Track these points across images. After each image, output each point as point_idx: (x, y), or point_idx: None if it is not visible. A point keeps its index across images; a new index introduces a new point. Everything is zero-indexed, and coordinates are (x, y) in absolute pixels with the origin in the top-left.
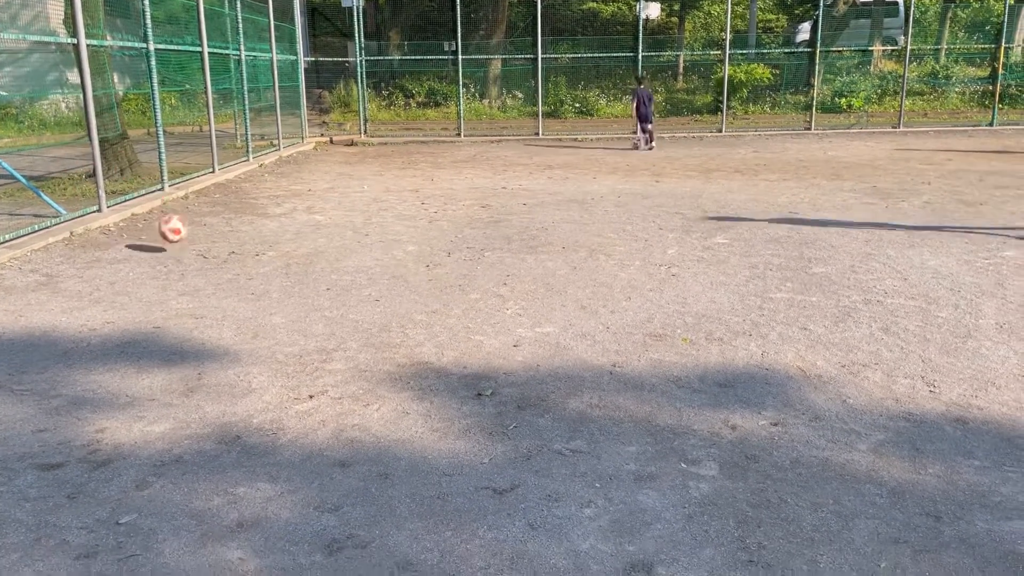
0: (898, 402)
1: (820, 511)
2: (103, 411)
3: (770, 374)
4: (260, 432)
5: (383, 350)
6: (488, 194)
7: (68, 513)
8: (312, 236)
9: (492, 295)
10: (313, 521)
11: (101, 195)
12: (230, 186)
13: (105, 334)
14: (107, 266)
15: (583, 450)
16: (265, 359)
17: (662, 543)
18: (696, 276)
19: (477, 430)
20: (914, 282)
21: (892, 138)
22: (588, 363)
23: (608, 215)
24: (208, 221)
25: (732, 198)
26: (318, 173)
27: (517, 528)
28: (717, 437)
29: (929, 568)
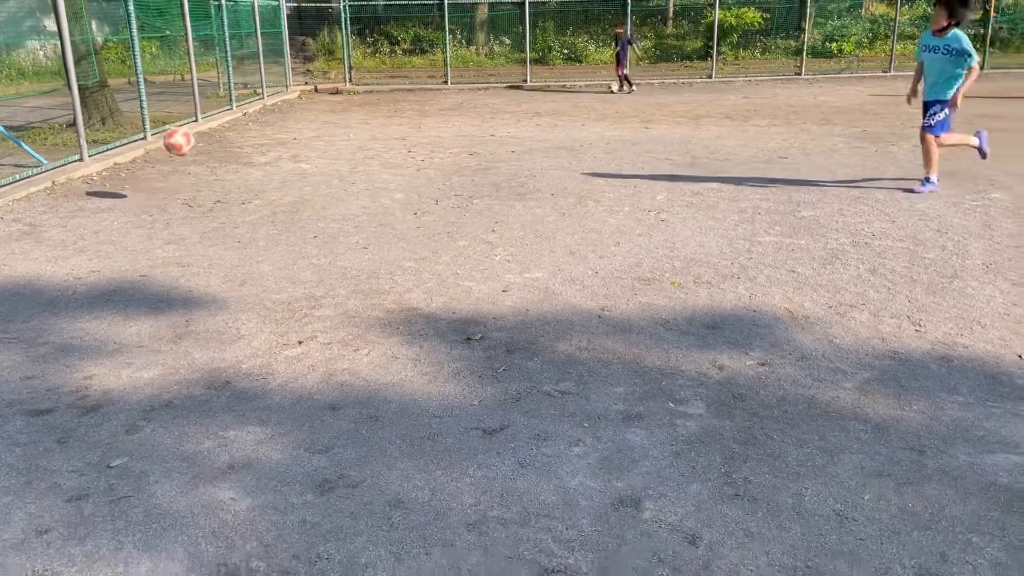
0: (884, 341)
1: (805, 447)
2: (91, 358)
3: (758, 316)
4: (250, 377)
5: (372, 297)
6: (476, 142)
7: (58, 457)
8: (298, 184)
9: (481, 242)
10: (304, 462)
11: (82, 144)
12: (214, 135)
13: (91, 283)
14: (91, 215)
15: (572, 391)
16: (253, 306)
17: (650, 479)
18: (685, 221)
19: (467, 373)
20: (902, 224)
21: (883, 82)
22: (577, 307)
23: (597, 162)
24: (192, 170)
25: (721, 143)
26: (303, 122)
27: (506, 467)
28: (705, 377)
29: (912, 499)
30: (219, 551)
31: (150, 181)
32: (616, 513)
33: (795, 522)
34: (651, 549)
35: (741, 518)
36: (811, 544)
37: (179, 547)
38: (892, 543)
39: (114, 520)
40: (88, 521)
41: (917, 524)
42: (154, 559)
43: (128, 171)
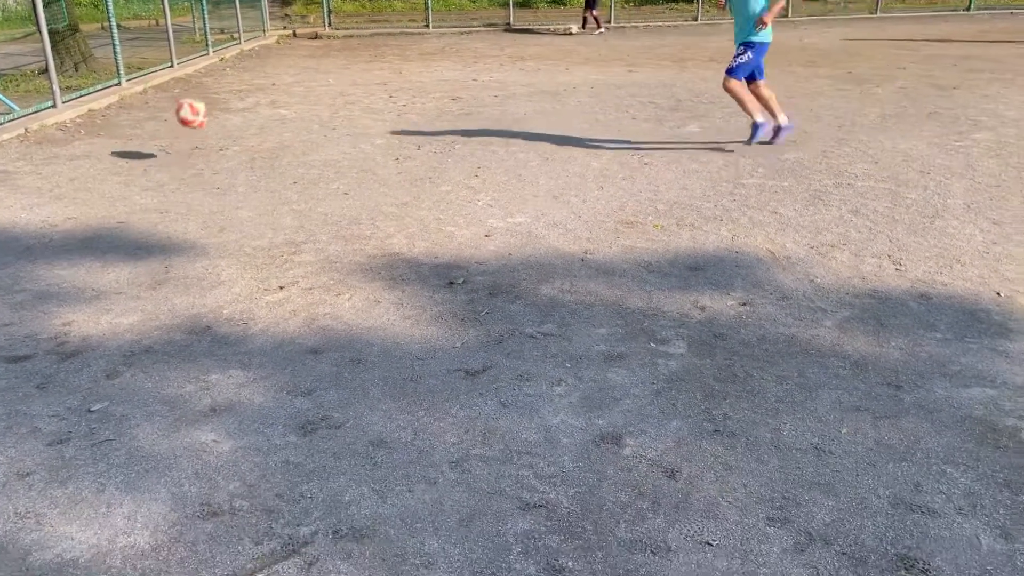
0: (864, 280)
1: (785, 383)
2: (69, 305)
3: (740, 257)
4: (231, 322)
5: (353, 242)
6: (458, 87)
7: (38, 402)
8: (277, 130)
9: (463, 187)
10: (287, 405)
11: (55, 90)
12: (190, 80)
13: (67, 230)
14: (66, 162)
15: (554, 333)
16: (233, 252)
17: (630, 417)
18: (669, 164)
19: (449, 316)
20: (885, 165)
21: (869, 24)
22: (560, 251)
23: (581, 106)
24: (169, 117)
25: (706, 87)
26: (282, 67)
27: (489, 407)
28: (686, 318)
29: (888, 433)
30: (202, 491)
31: (125, 128)
32: (597, 450)
33: (773, 456)
34: (631, 483)
35: (720, 453)
36: (788, 476)
37: (162, 488)
38: (868, 475)
39: (96, 463)
40: (70, 464)
41: (893, 456)
42: (137, 500)
43: (103, 117)
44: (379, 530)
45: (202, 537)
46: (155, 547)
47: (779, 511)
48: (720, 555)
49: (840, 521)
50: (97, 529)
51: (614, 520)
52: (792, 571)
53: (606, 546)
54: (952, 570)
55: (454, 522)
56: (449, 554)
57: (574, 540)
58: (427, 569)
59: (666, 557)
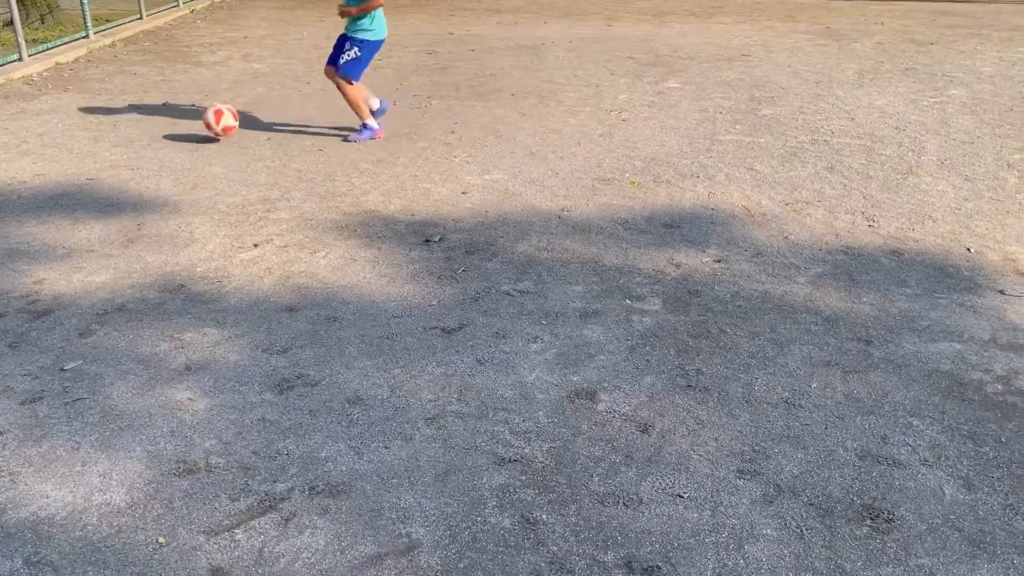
0: (838, 237)
1: (757, 339)
2: (40, 263)
3: (716, 214)
4: (205, 280)
5: (328, 199)
6: (434, 40)
7: (11, 361)
8: (250, 85)
9: (440, 143)
10: (262, 363)
11: (21, 43)
12: (160, 33)
13: (36, 186)
14: (33, 117)
15: (530, 291)
16: (206, 209)
17: (605, 372)
18: (646, 121)
19: (425, 274)
20: (861, 121)
21: None
22: (537, 208)
23: (559, 61)
24: (139, 71)
25: (685, 42)
26: (254, 19)
27: (465, 364)
28: (661, 275)
29: (857, 387)
30: (178, 449)
31: (94, 82)
32: (571, 405)
33: (744, 410)
34: (605, 438)
35: (692, 407)
36: (759, 430)
37: (137, 446)
38: (836, 428)
39: (70, 421)
40: (43, 423)
41: (861, 410)
42: (112, 458)
43: (71, 71)
44: (355, 486)
45: (178, 494)
46: (131, 504)
47: (749, 464)
48: (691, 507)
49: (808, 473)
50: (72, 487)
51: (587, 474)
52: (760, 522)
53: (579, 499)
54: (916, 519)
55: (430, 477)
56: (425, 508)
57: (548, 494)
58: (403, 523)
59: (638, 509)
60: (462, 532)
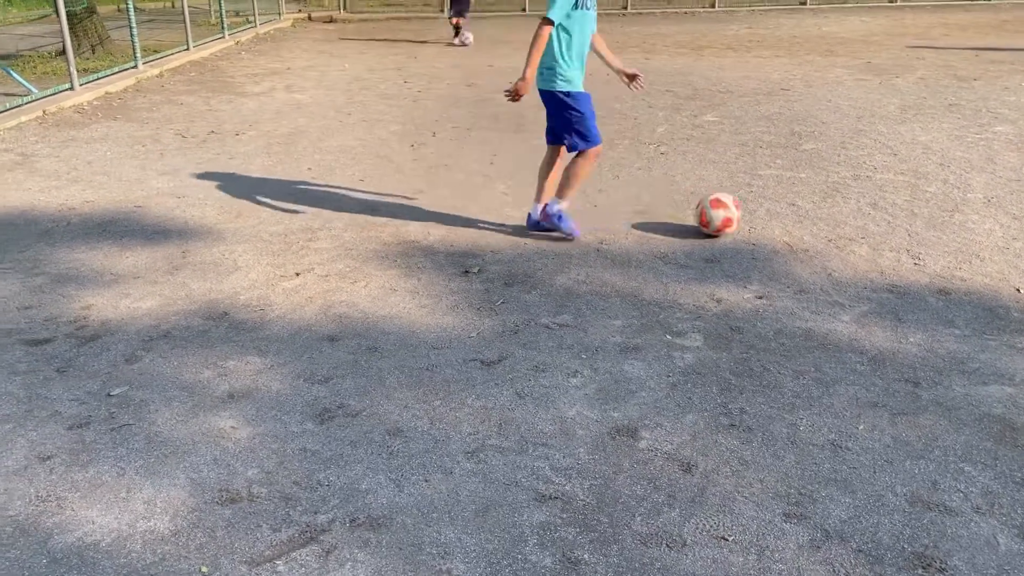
0: (883, 275)
1: (801, 379)
2: (88, 288)
3: (757, 249)
4: (248, 308)
5: (369, 229)
6: (473, 72)
7: (59, 386)
8: (293, 115)
9: (479, 174)
10: (304, 392)
11: (73, 73)
12: (206, 64)
13: (85, 213)
14: (83, 145)
15: (570, 324)
16: (250, 237)
17: (646, 409)
18: (685, 154)
19: (465, 306)
20: (904, 157)
21: (888, 13)
22: (575, 241)
23: (595, 93)
24: (185, 100)
25: (723, 75)
26: (297, 51)
27: (505, 397)
28: (702, 310)
29: (905, 430)
30: (221, 477)
31: (142, 111)
32: (613, 442)
33: (789, 451)
34: (647, 477)
35: (736, 447)
36: (805, 472)
37: (181, 473)
38: (885, 472)
39: (116, 447)
40: (90, 448)
41: (910, 454)
42: (156, 485)
43: (120, 100)
44: (396, 519)
45: (221, 523)
46: (175, 532)
47: (795, 507)
48: (736, 550)
49: (857, 518)
50: (117, 513)
51: (630, 513)
52: (808, 568)
53: (621, 539)
54: (969, 570)
55: (470, 512)
56: (465, 544)
57: (590, 532)
58: (443, 559)
59: (681, 551)
60: (503, 570)
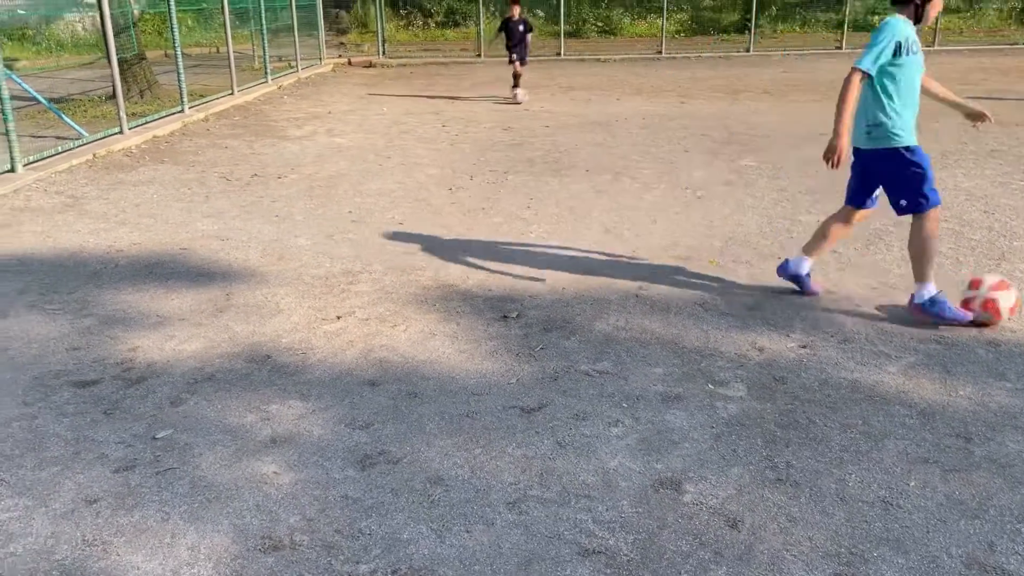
0: (929, 324)
1: (849, 432)
2: (135, 330)
3: (798, 297)
4: (290, 351)
5: (408, 272)
6: (510, 116)
7: (105, 428)
8: (334, 159)
9: (516, 218)
10: (345, 437)
11: (122, 117)
12: (250, 108)
13: (132, 255)
14: (131, 188)
15: (610, 371)
16: (292, 280)
17: (690, 461)
18: (723, 199)
19: (504, 351)
20: (947, 204)
21: (927, 57)
22: (614, 286)
23: (632, 137)
24: (229, 143)
25: (760, 119)
26: (337, 95)
27: (546, 446)
28: (744, 359)
29: (958, 487)
30: (263, 524)
31: (188, 154)
32: (656, 495)
33: (839, 508)
34: (692, 532)
35: (784, 503)
36: (855, 531)
37: (224, 519)
38: (938, 531)
39: (160, 491)
40: (135, 492)
41: (964, 513)
42: (200, 531)
43: (167, 144)
44: (437, 571)
45: (263, 571)
46: None
47: (847, 567)
48: None
49: None
50: (162, 559)
51: (675, 570)
52: None
53: None
54: None
55: (513, 566)
56: None
57: None
58: None
59: None
60: None
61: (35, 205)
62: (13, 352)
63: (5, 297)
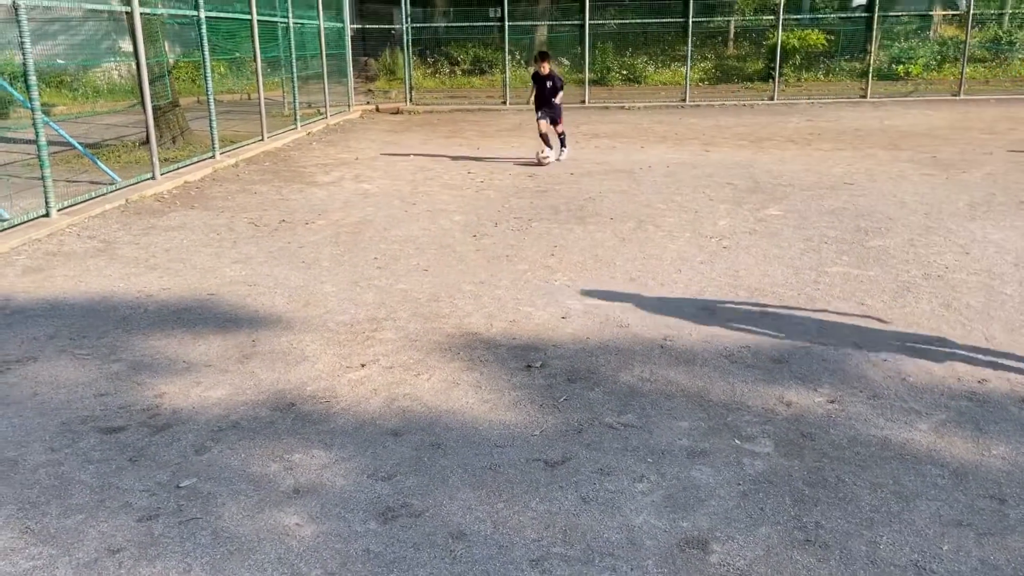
0: (960, 380)
1: (879, 491)
2: (162, 376)
3: (826, 350)
4: (314, 399)
5: (432, 320)
6: (534, 164)
7: (130, 476)
8: (360, 205)
9: (540, 266)
10: (367, 489)
11: (155, 163)
12: (279, 154)
13: (161, 300)
14: (162, 233)
15: (635, 424)
16: (317, 327)
17: (717, 520)
18: (748, 249)
19: (527, 402)
20: (976, 256)
21: (952, 107)
22: (638, 336)
23: (657, 185)
24: (258, 189)
25: (785, 168)
26: (365, 141)
27: (569, 501)
28: (772, 414)
29: (993, 552)
30: None
31: (217, 200)
32: (682, 555)
33: (870, 571)
34: None
35: (813, 565)
36: None
37: (246, 572)
38: None
39: (183, 542)
40: (158, 542)
41: None
42: None
43: (197, 189)
44: None
45: None
46: None
47: None
48: None
49: None
50: None
51: None
52: None
53: None
54: None
55: None
56: None
57: None
58: None
59: None
60: None
61: (68, 249)
62: (42, 396)
63: (36, 341)
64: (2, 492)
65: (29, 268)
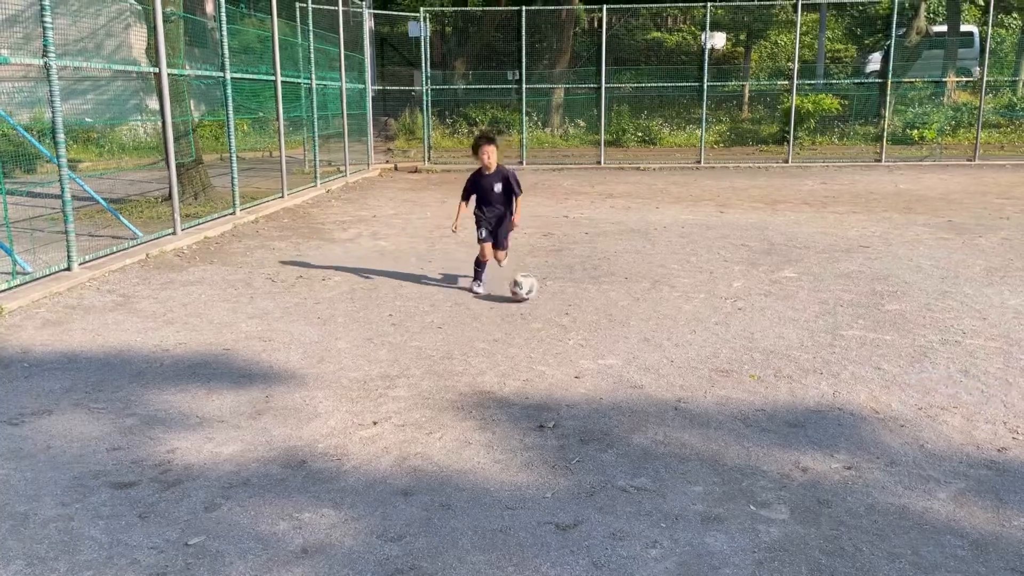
0: (979, 448)
1: (898, 562)
2: (175, 431)
3: (842, 415)
4: (325, 457)
5: (445, 378)
6: (549, 223)
7: (139, 532)
8: (377, 262)
9: (554, 325)
10: (376, 550)
11: (176, 218)
12: (298, 211)
13: (178, 355)
14: (180, 288)
15: (648, 488)
16: (330, 383)
17: None
18: (763, 310)
19: (539, 463)
20: (994, 322)
21: (967, 171)
22: (652, 397)
23: (671, 246)
24: (277, 245)
25: (800, 230)
26: (383, 199)
27: (581, 567)
28: (787, 479)
29: None
30: None
31: (236, 255)
32: None
33: None
34: None
35: None
36: None
37: None
38: None
39: None
40: None
41: None
42: None
43: (217, 245)
44: None
45: None
46: None
47: None
48: None
49: None
50: None
51: None
52: None
53: None
54: None
55: None
56: None
57: None
58: None
59: None
60: None
61: (87, 303)
62: (55, 450)
63: (52, 394)
64: (11, 546)
65: (49, 321)
